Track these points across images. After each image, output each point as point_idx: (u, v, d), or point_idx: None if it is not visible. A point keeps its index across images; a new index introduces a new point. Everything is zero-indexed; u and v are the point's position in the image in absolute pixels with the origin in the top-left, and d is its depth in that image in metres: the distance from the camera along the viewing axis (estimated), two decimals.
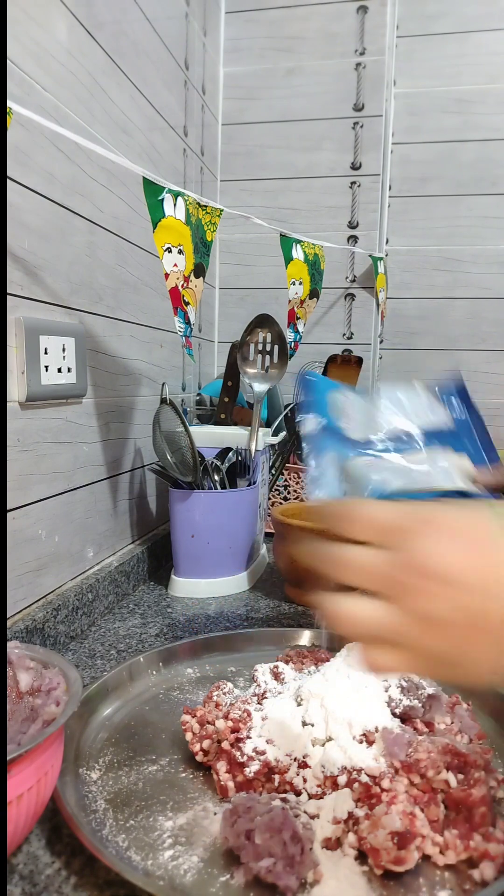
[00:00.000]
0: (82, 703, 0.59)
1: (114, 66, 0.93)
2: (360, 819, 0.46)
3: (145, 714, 0.63)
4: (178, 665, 0.72)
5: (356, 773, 0.49)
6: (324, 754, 0.51)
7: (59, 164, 0.79)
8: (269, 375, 1.12)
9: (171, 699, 0.66)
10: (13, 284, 0.72)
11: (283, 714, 0.55)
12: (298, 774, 0.51)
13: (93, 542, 0.92)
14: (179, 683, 0.69)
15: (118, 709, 0.64)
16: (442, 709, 0.58)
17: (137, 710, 0.64)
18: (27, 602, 0.76)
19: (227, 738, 0.52)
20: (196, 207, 0.84)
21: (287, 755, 0.52)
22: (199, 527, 0.98)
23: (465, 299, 1.44)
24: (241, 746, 0.52)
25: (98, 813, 0.49)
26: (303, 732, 0.53)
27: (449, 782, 0.48)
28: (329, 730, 0.53)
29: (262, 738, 0.53)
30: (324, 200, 1.46)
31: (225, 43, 1.45)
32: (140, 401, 1.08)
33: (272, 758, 0.51)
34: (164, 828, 0.48)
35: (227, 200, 1.49)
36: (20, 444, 0.74)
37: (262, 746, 0.52)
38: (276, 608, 0.95)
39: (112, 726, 0.61)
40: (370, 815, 0.46)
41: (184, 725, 0.57)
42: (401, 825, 0.44)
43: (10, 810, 0.41)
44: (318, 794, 0.50)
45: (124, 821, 0.49)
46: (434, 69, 1.39)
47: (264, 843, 0.43)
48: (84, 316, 0.88)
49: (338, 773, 0.50)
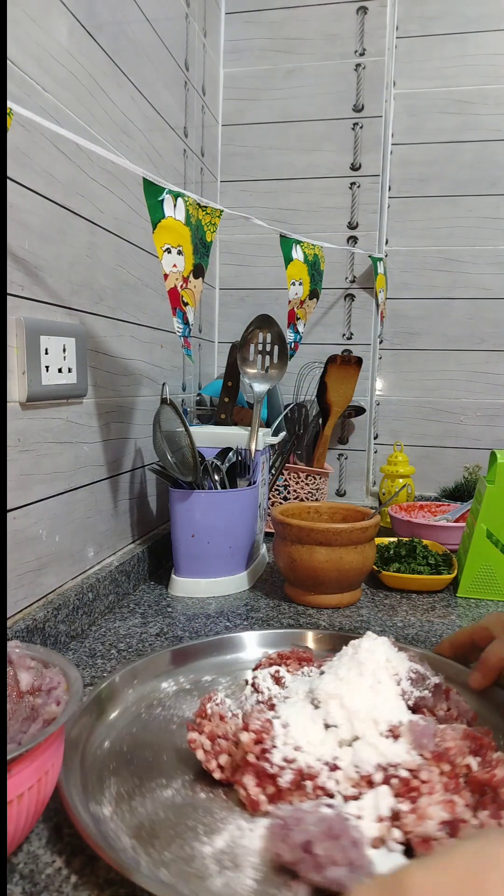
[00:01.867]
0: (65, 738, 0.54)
1: (114, 66, 0.93)
2: (404, 813, 0.46)
3: (135, 736, 0.59)
4: (152, 680, 0.68)
5: (393, 769, 0.49)
6: (354, 754, 0.51)
7: (60, 165, 0.79)
8: (269, 376, 1.12)
9: (156, 717, 0.63)
10: (14, 285, 0.72)
11: (303, 719, 0.53)
12: (330, 778, 0.50)
13: (93, 541, 0.92)
14: (158, 699, 0.65)
15: (104, 735, 0.59)
16: (441, 696, 0.60)
17: (125, 734, 0.60)
18: (28, 602, 0.76)
19: (252, 750, 0.50)
20: (196, 208, 0.84)
21: (317, 759, 0.50)
22: (199, 526, 0.98)
23: (465, 299, 1.44)
24: (268, 757, 0.50)
25: (127, 851, 0.45)
26: (327, 735, 0.52)
27: (471, 766, 0.49)
28: (354, 729, 0.53)
29: (288, 745, 0.51)
30: (324, 201, 1.46)
31: (225, 44, 1.45)
32: (140, 401, 1.08)
33: (304, 764, 0.50)
34: (203, 854, 0.45)
35: (227, 201, 1.49)
36: (21, 444, 0.74)
37: (292, 754, 0.50)
38: (276, 608, 0.95)
39: (105, 755, 0.56)
40: (415, 807, 0.46)
41: (192, 744, 0.54)
42: (448, 814, 0.44)
43: (11, 809, 0.41)
44: (353, 794, 0.49)
45: (158, 854, 0.45)
46: (434, 70, 1.40)
47: (326, 852, 0.41)
48: (84, 316, 0.88)
49: (373, 771, 0.49)
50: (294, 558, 0.94)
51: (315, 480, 1.31)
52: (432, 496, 1.49)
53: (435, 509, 1.34)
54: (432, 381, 1.48)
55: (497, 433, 1.46)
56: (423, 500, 1.47)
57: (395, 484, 1.41)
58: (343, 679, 0.56)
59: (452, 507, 1.33)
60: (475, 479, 1.44)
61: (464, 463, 1.48)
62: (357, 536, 0.92)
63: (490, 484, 0.99)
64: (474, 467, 1.46)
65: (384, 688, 0.56)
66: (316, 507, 1.06)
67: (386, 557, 1.07)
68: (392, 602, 0.98)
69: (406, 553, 1.07)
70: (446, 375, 1.47)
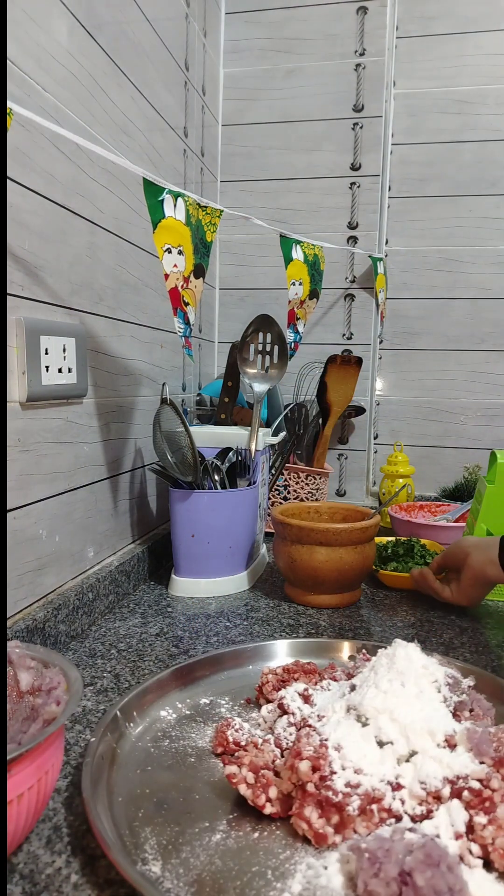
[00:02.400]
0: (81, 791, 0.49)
1: (114, 66, 0.93)
2: (482, 826, 0.44)
3: (154, 776, 0.54)
4: (151, 710, 0.63)
5: (463, 781, 0.47)
6: (416, 770, 0.48)
7: (60, 165, 0.79)
8: (269, 376, 1.12)
9: (166, 750, 0.57)
10: (14, 285, 0.72)
11: (355, 738, 0.50)
12: (395, 798, 0.47)
13: (93, 541, 0.92)
14: (162, 730, 0.60)
15: (120, 780, 0.53)
16: (474, 699, 0.59)
17: (142, 775, 0.54)
18: (28, 601, 0.76)
19: (310, 779, 0.47)
20: (196, 208, 0.84)
21: (380, 780, 0.48)
22: (199, 527, 0.98)
23: (465, 299, 1.44)
24: (330, 785, 0.46)
25: None
26: (384, 752, 0.50)
27: None
28: (411, 743, 0.50)
29: (348, 769, 0.47)
30: (324, 201, 1.46)
31: (225, 44, 1.45)
32: (140, 401, 1.08)
33: (369, 787, 0.47)
34: None
35: (227, 201, 1.49)
36: (21, 444, 0.74)
37: (354, 778, 0.47)
38: (276, 608, 0.95)
39: (127, 803, 0.50)
40: (493, 818, 0.44)
41: (233, 779, 0.50)
42: None
43: (11, 809, 0.41)
44: (421, 814, 0.47)
45: None
46: (433, 70, 1.40)
47: (429, 881, 0.39)
48: (84, 316, 0.88)
49: (441, 786, 0.47)
50: (294, 558, 0.94)
51: (315, 480, 1.31)
52: (432, 496, 1.49)
53: (435, 509, 1.34)
54: (432, 381, 1.48)
55: (497, 433, 1.46)
56: (423, 500, 1.47)
57: (395, 484, 1.41)
58: (388, 692, 0.53)
59: (452, 507, 1.33)
60: (475, 479, 1.43)
61: (464, 463, 1.48)
62: (357, 536, 0.92)
63: (490, 484, 0.99)
64: (474, 467, 1.46)
65: (427, 696, 0.54)
66: (316, 507, 1.06)
67: (384, 557, 1.07)
68: (392, 602, 0.98)
69: (404, 552, 1.07)
70: (446, 375, 1.47)
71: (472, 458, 1.47)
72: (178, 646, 0.81)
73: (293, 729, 0.55)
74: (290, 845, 0.46)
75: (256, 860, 0.45)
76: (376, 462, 1.53)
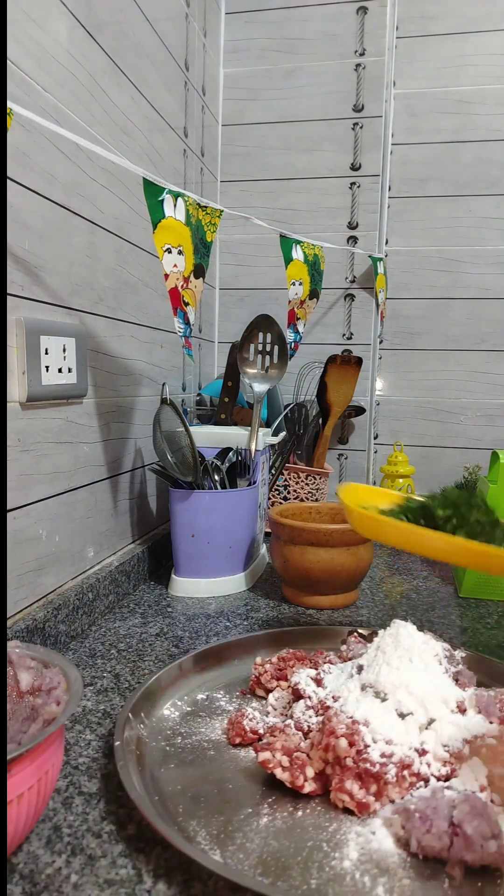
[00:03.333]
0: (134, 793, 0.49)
1: (114, 66, 0.93)
2: (502, 777, 0.49)
3: (182, 774, 0.55)
4: (155, 710, 0.63)
5: (480, 740, 0.52)
6: (437, 735, 0.54)
7: (60, 165, 0.79)
8: (269, 376, 1.12)
9: (183, 747, 0.58)
10: (14, 285, 0.72)
11: (378, 712, 0.54)
12: (422, 763, 0.52)
13: (93, 541, 0.92)
14: (172, 727, 0.61)
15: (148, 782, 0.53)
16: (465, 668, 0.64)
17: (166, 774, 0.55)
18: (28, 601, 0.76)
19: (348, 754, 0.50)
20: (196, 208, 0.84)
21: (409, 748, 0.52)
22: (199, 527, 0.98)
23: (465, 299, 1.44)
24: (367, 757, 0.50)
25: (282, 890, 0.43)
26: (406, 723, 0.54)
27: None
28: (429, 712, 0.55)
29: (379, 741, 0.51)
30: (323, 201, 1.46)
31: (225, 44, 1.45)
32: (140, 401, 1.08)
33: (402, 755, 0.51)
34: (345, 870, 0.44)
35: (227, 201, 1.49)
36: (21, 444, 0.74)
37: (387, 749, 0.51)
38: (275, 608, 0.95)
39: (165, 802, 0.51)
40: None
41: (268, 764, 0.52)
42: None
43: (11, 809, 0.41)
44: (444, 774, 0.52)
45: (306, 884, 0.43)
46: (433, 70, 1.40)
47: (476, 830, 0.44)
48: (84, 316, 0.88)
49: (461, 747, 0.53)
50: (287, 558, 0.94)
51: (315, 480, 1.31)
52: None
53: None
54: (432, 381, 1.48)
55: (497, 433, 1.46)
56: None
57: (395, 484, 1.41)
58: (399, 668, 0.58)
59: None
60: (475, 479, 1.43)
61: (464, 463, 1.48)
62: (350, 537, 0.92)
63: (493, 484, 0.99)
64: (474, 467, 1.46)
65: (432, 669, 0.59)
66: (316, 508, 1.06)
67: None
68: (392, 602, 0.98)
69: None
70: (446, 375, 1.47)
71: (472, 459, 1.47)
72: (178, 646, 0.81)
73: (311, 712, 0.58)
74: (334, 818, 0.50)
75: (308, 836, 0.48)
76: (376, 462, 1.53)
